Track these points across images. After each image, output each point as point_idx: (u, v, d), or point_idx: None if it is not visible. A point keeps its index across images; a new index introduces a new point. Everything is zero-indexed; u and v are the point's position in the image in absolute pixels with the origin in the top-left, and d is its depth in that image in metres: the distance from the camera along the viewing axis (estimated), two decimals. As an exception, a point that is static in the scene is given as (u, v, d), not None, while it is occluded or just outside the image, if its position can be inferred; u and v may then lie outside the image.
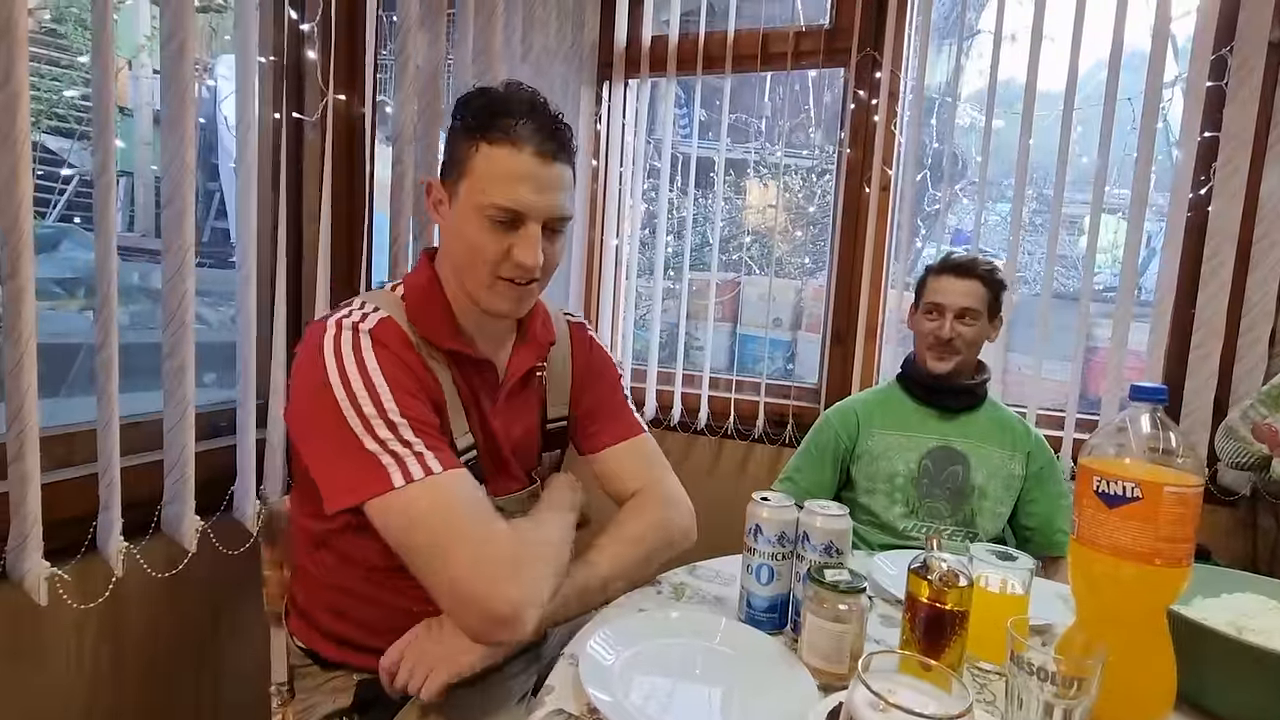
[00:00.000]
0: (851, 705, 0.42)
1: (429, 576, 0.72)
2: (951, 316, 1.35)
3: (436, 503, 0.71)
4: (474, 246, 0.79)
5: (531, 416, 0.96)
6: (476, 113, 0.78)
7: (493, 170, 0.77)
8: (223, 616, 1.17)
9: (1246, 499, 1.53)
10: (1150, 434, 0.68)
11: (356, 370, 0.74)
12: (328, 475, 0.73)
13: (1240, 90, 1.48)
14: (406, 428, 0.73)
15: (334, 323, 0.78)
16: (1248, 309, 1.49)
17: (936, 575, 0.72)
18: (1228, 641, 0.70)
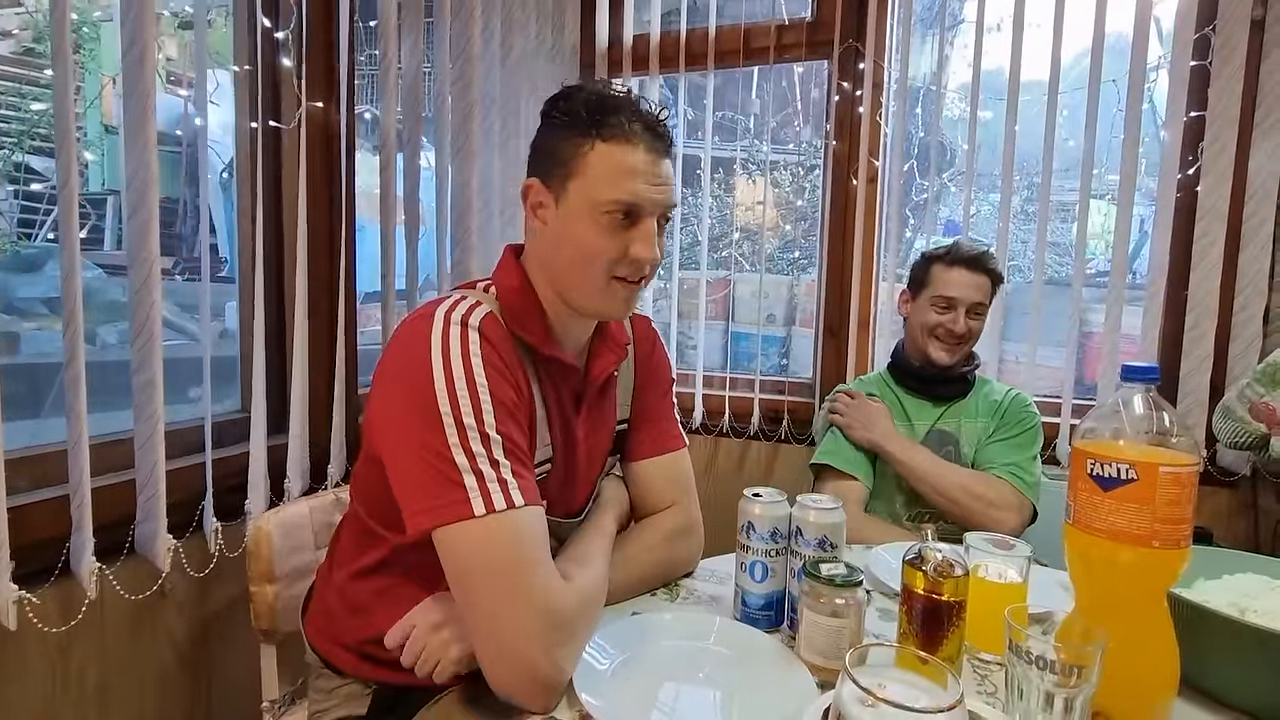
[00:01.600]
0: (840, 701, 0.40)
1: (476, 618, 0.68)
2: (964, 311, 1.34)
3: (506, 543, 0.67)
4: (590, 246, 0.76)
5: (610, 422, 0.94)
6: (586, 112, 0.76)
7: (611, 167, 0.75)
8: (210, 636, 1.15)
9: (1247, 479, 1.52)
10: (1143, 414, 0.66)
11: (462, 370, 0.70)
12: (410, 488, 0.69)
13: (1224, 69, 1.47)
14: (499, 445, 0.69)
15: (442, 316, 0.74)
16: (1240, 287, 1.48)
17: (931, 566, 0.71)
18: (1230, 623, 0.68)
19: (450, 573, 0.68)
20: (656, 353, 0.99)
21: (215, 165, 1.93)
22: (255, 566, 0.98)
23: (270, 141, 1.24)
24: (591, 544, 0.83)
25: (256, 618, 0.97)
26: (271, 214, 1.25)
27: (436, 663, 0.73)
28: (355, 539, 0.86)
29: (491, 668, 0.68)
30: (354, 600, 0.85)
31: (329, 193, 1.27)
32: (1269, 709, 0.68)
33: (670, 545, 0.94)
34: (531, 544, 0.68)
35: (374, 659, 0.83)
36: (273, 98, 1.25)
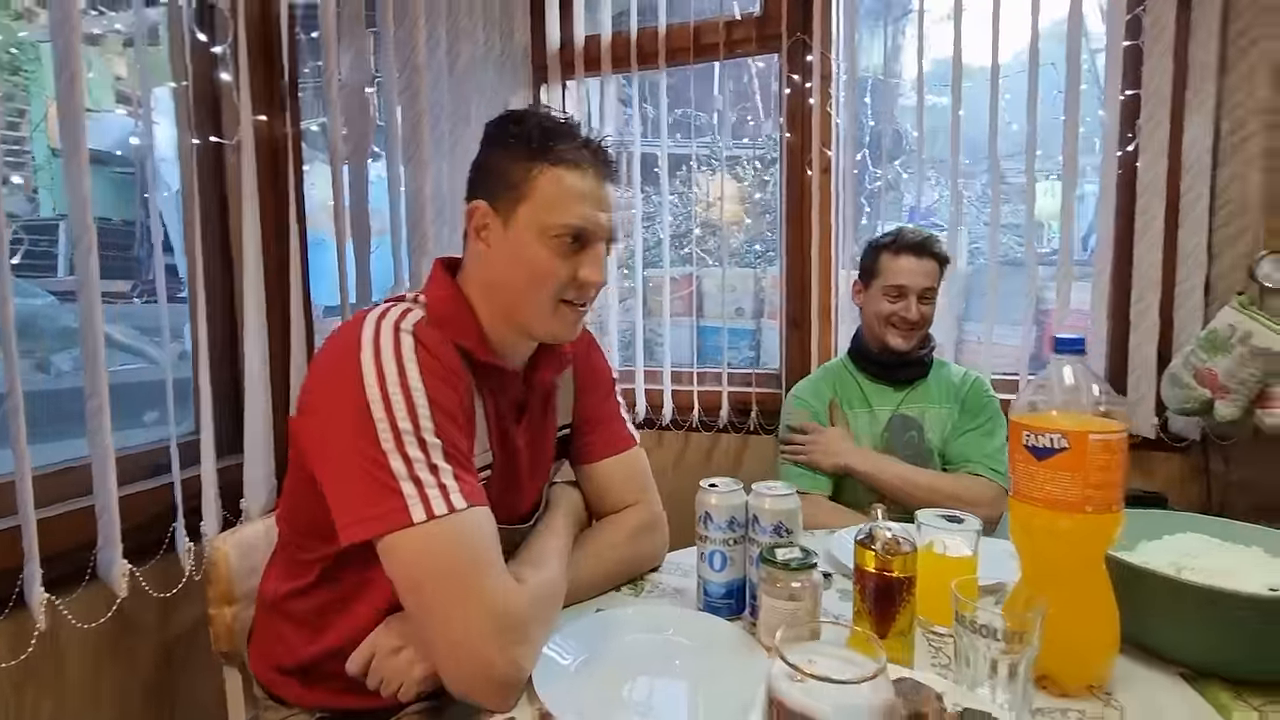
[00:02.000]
0: (770, 679, 0.41)
1: (428, 624, 0.67)
2: (915, 298, 1.36)
3: (451, 547, 0.66)
4: (541, 270, 0.77)
5: (551, 430, 0.94)
6: (536, 136, 0.77)
7: (563, 193, 0.77)
8: (173, 662, 1.13)
9: (1198, 445, 1.56)
10: (1072, 385, 0.69)
11: (397, 375, 0.69)
12: (345, 499, 0.68)
13: (1155, 47, 1.52)
14: (438, 450, 0.68)
15: (373, 321, 0.73)
16: (1182, 259, 1.53)
17: (880, 544, 0.72)
18: (1167, 582, 0.71)
19: (398, 581, 0.68)
20: (594, 357, 1.00)
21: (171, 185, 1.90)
22: (214, 588, 0.96)
23: (212, 158, 1.22)
24: (545, 545, 0.83)
25: (216, 640, 0.96)
26: (218, 231, 1.23)
27: (400, 684, 0.73)
28: (289, 562, 0.86)
29: (448, 669, 0.68)
30: (297, 619, 0.84)
31: (278, 207, 1.26)
32: (1205, 662, 0.70)
33: (635, 542, 0.95)
34: (478, 546, 0.68)
35: (319, 678, 0.83)
36: (214, 113, 1.23)
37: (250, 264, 1.15)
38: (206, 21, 1.17)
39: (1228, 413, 1.34)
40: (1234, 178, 1.49)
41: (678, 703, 0.70)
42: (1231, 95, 1.49)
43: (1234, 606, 0.67)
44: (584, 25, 1.99)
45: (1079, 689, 0.69)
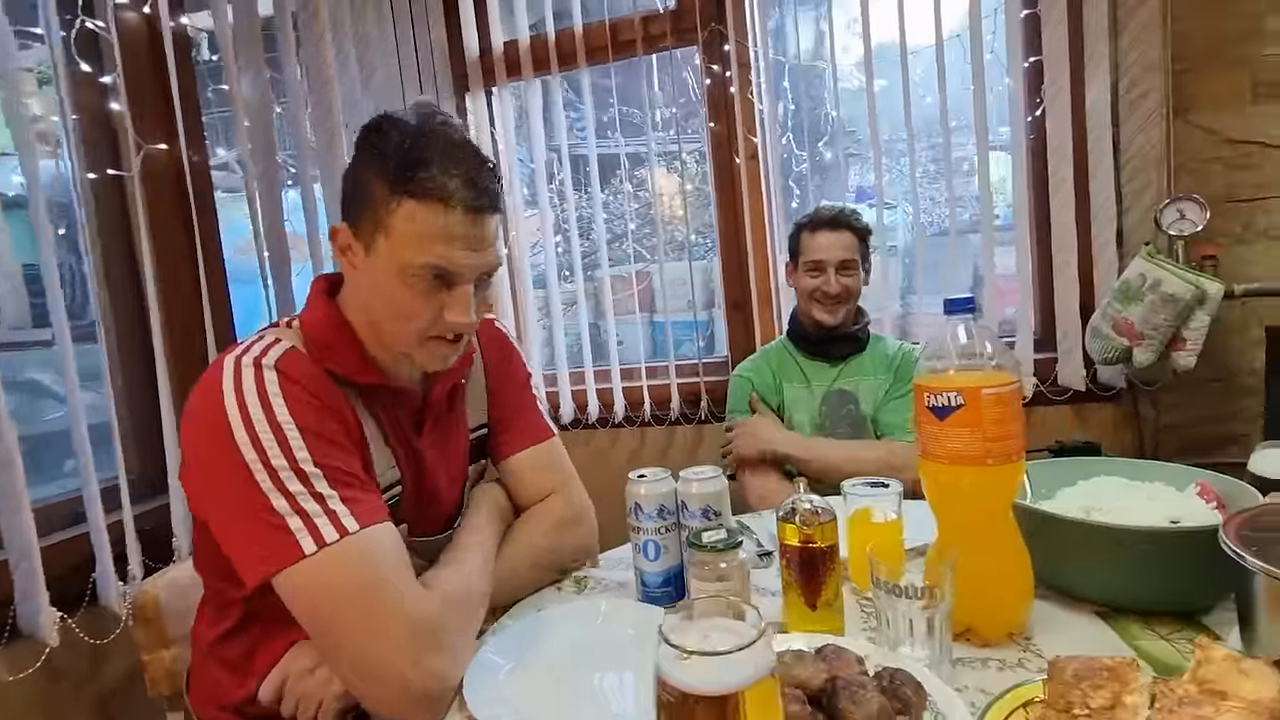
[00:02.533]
0: (657, 663, 0.41)
1: (337, 654, 0.66)
2: (834, 271, 1.39)
3: (349, 571, 0.65)
4: (401, 307, 0.72)
5: (461, 435, 0.92)
6: (395, 160, 0.68)
7: (421, 231, 0.69)
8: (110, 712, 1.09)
9: (1126, 392, 1.62)
10: (966, 344, 0.70)
11: (262, 413, 0.67)
12: (236, 545, 0.67)
13: (1051, 13, 1.57)
14: (320, 478, 0.66)
15: (232, 361, 0.70)
16: (1094, 215, 1.59)
17: (799, 517, 0.73)
18: (1076, 525, 0.73)
19: (300, 614, 0.66)
20: (506, 352, 0.98)
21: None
22: (145, 632, 0.93)
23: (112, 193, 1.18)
24: (461, 546, 0.82)
25: (154, 684, 0.93)
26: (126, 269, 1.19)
27: (319, 704, 0.72)
28: (213, 607, 0.84)
29: (366, 694, 0.67)
30: (227, 662, 0.82)
31: (189, 239, 1.22)
32: (1116, 598, 0.73)
33: (558, 533, 0.93)
34: (378, 564, 0.67)
35: (258, 717, 0.80)
36: (111, 146, 1.19)
37: (152, 299, 1.11)
38: (89, 51, 1.12)
39: (1144, 358, 1.40)
40: (1135, 133, 1.55)
41: (619, 695, 0.70)
42: (1126, 55, 1.55)
43: (1137, 541, 0.70)
44: (501, 31, 1.98)
45: (999, 637, 0.70)
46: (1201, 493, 0.78)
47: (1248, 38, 1.50)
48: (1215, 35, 1.52)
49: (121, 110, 1.12)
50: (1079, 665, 0.53)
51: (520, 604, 0.88)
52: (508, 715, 0.64)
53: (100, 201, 1.15)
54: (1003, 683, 0.61)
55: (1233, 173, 1.54)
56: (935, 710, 0.56)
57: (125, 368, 1.12)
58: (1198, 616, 0.70)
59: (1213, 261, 1.43)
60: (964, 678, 0.65)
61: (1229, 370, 1.56)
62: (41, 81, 1.33)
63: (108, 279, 1.11)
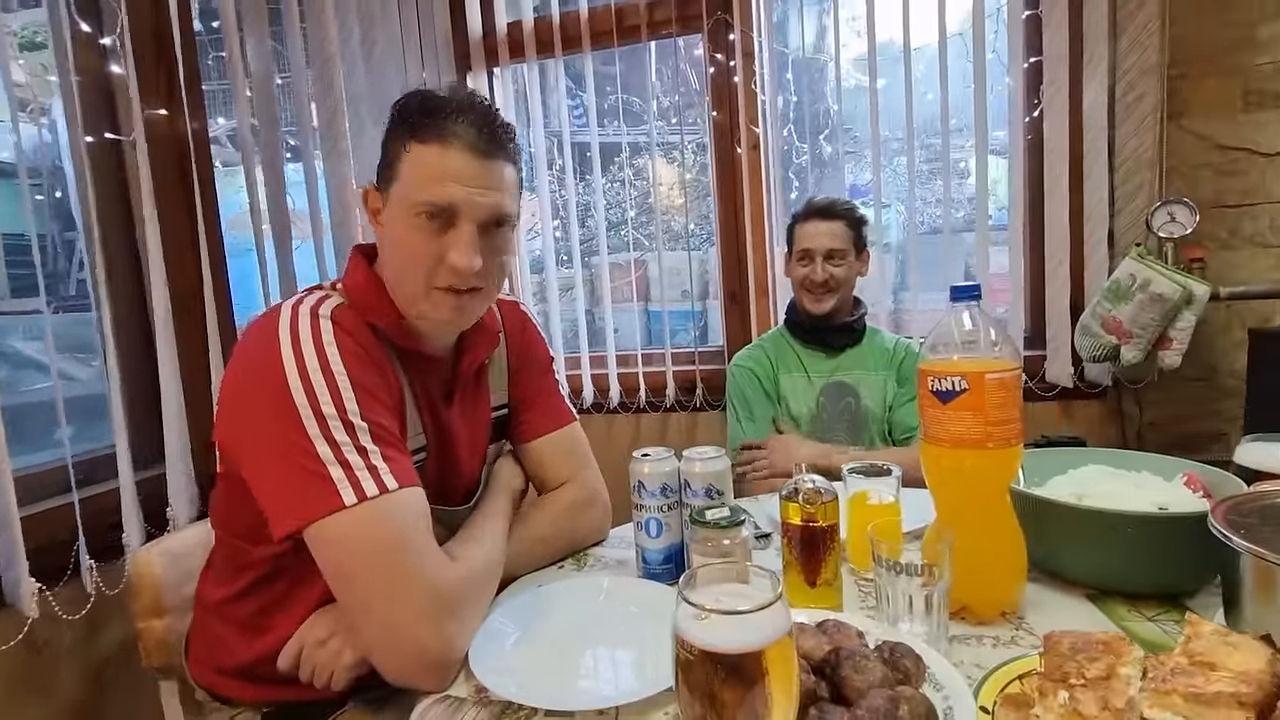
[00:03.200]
0: (675, 621, 0.42)
1: (358, 609, 0.67)
2: (822, 259, 1.41)
3: (383, 528, 0.65)
4: (407, 251, 0.74)
5: (485, 411, 0.93)
6: (408, 113, 0.74)
7: (422, 169, 0.73)
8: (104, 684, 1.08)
9: (1112, 390, 1.66)
10: (970, 330, 0.72)
11: (317, 361, 0.67)
12: (272, 490, 0.67)
13: (1053, 15, 1.59)
14: (365, 432, 0.67)
15: (289, 308, 0.72)
16: (1087, 215, 1.61)
17: (801, 496, 0.75)
18: (1068, 509, 0.75)
19: (327, 566, 0.67)
20: (528, 335, 0.99)
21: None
22: (140, 601, 0.92)
23: (110, 157, 1.16)
24: (482, 525, 0.83)
25: (147, 655, 0.92)
26: (123, 235, 1.18)
27: (331, 673, 0.73)
28: (226, 565, 0.84)
29: (379, 653, 0.67)
30: (236, 622, 0.82)
31: (189, 207, 1.20)
32: (1105, 581, 0.75)
33: (572, 517, 0.95)
34: (410, 526, 0.68)
35: (264, 678, 0.81)
36: (109, 110, 1.17)
37: (154, 267, 1.09)
38: (89, 9, 1.10)
39: (1132, 356, 1.43)
40: (1129, 136, 1.58)
41: (617, 664, 0.71)
42: (1124, 58, 1.58)
43: (1126, 526, 0.72)
44: (505, 11, 1.97)
45: (993, 616, 0.73)
46: (1188, 483, 0.81)
47: (1240, 46, 1.53)
48: (1210, 42, 1.55)
49: (124, 73, 1.10)
50: (1075, 639, 0.54)
51: (521, 579, 0.89)
52: (513, 684, 0.65)
53: (97, 167, 1.13)
54: (996, 659, 0.63)
55: (1222, 178, 1.57)
56: (934, 681, 0.58)
57: (121, 336, 1.10)
58: (1182, 600, 0.73)
59: (1200, 264, 1.46)
60: (959, 653, 0.67)
61: (1212, 370, 1.60)
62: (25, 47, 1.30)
63: (105, 246, 1.09)
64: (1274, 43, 1.52)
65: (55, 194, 1.78)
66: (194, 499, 1.15)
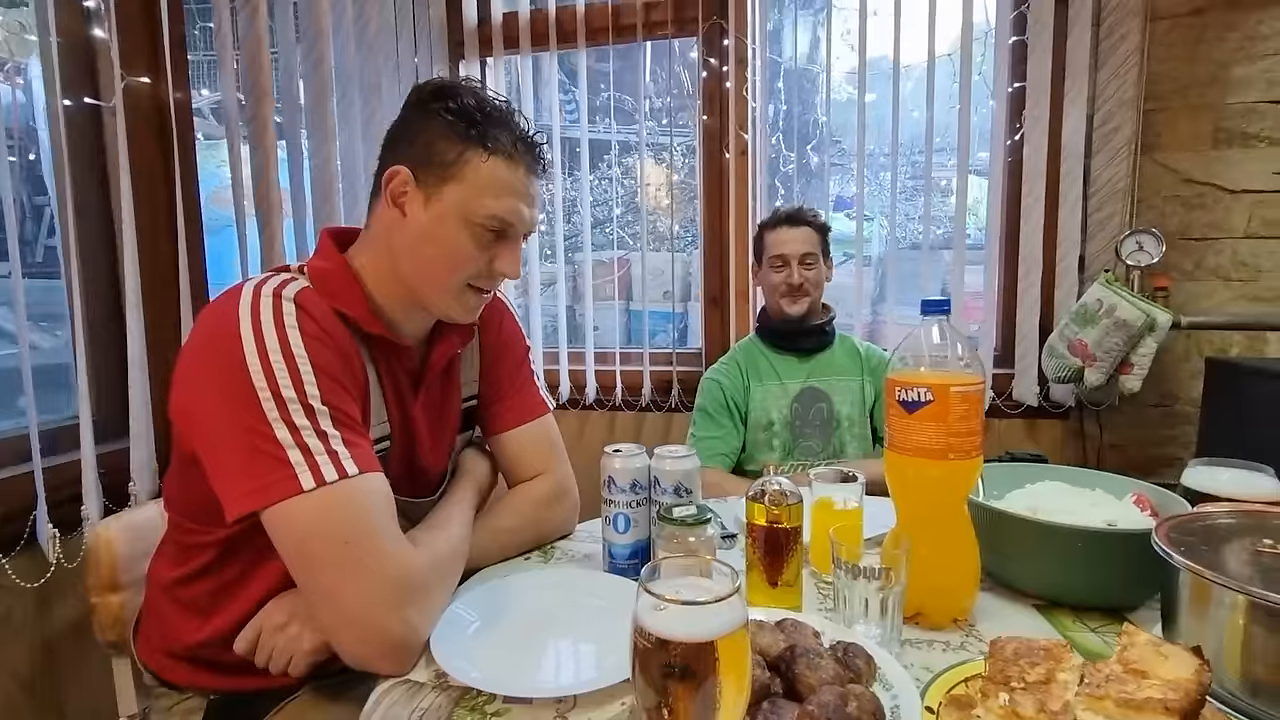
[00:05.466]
0: (635, 613, 0.43)
1: (318, 594, 0.66)
2: (796, 263, 1.44)
3: (344, 513, 0.65)
4: (458, 253, 0.76)
5: (455, 404, 0.93)
6: (475, 118, 0.75)
7: (494, 182, 0.75)
8: (57, 657, 1.06)
9: (1075, 410, 1.71)
10: (939, 343, 0.74)
11: (277, 342, 0.66)
12: (228, 474, 0.65)
13: (1038, 42, 1.64)
14: (326, 416, 0.66)
15: (250, 288, 0.70)
16: (1060, 240, 1.66)
17: (767, 497, 0.76)
18: (1022, 521, 0.78)
19: (286, 550, 0.66)
20: (506, 326, 0.99)
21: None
22: (96, 575, 0.91)
23: (88, 123, 1.13)
24: (448, 512, 0.83)
25: (102, 630, 0.91)
26: (98, 203, 1.15)
27: (289, 659, 0.72)
28: (177, 548, 0.82)
29: (340, 637, 0.67)
30: (187, 604, 0.81)
31: (166, 178, 1.18)
32: (1054, 592, 0.78)
33: (541, 509, 0.95)
34: (372, 511, 0.67)
35: (211, 663, 0.80)
36: (89, 74, 1.15)
37: (128, 236, 1.07)
38: (75, -27, 1.08)
39: (1095, 378, 1.47)
40: (1104, 165, 1.63)
41: (576, 655, 0.72)
42: (1103, 90, 1.63)
43: (1076, 540, 0.75)
44: (502, 1, 1.96)
45: (945, 622, 0.75)
46: (1138, 502, 0.84)
47: (1213, 85, 1.59)
48: (1185, 78, 1.60)
49: (106, 37, 1.08)
50: (1018, 644, 0.56)
51: (486, 570, 0.89)
52: (473, 670, 0.65)
53: (74, 132, 1.10)
54: (946, 662, 0.65)
55: (1189, 211, 1.63)
56: (884, 680, 0.60)
57: (90, 306, 1.08)
58: (1124, 613, 0.76)
59: (1164, 293, 1.51)
60: (911, 656, 0.69)
61: (1171, 397, 1.65)
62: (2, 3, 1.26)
63: (78, 214, 1.06)
64: (1246, 83, 1.58)
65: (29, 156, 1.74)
66: (156, 474, 1.13)
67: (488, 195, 0.75)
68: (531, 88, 1.96)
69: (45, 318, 1.66)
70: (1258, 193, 1.59)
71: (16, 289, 0.96)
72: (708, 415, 1.52)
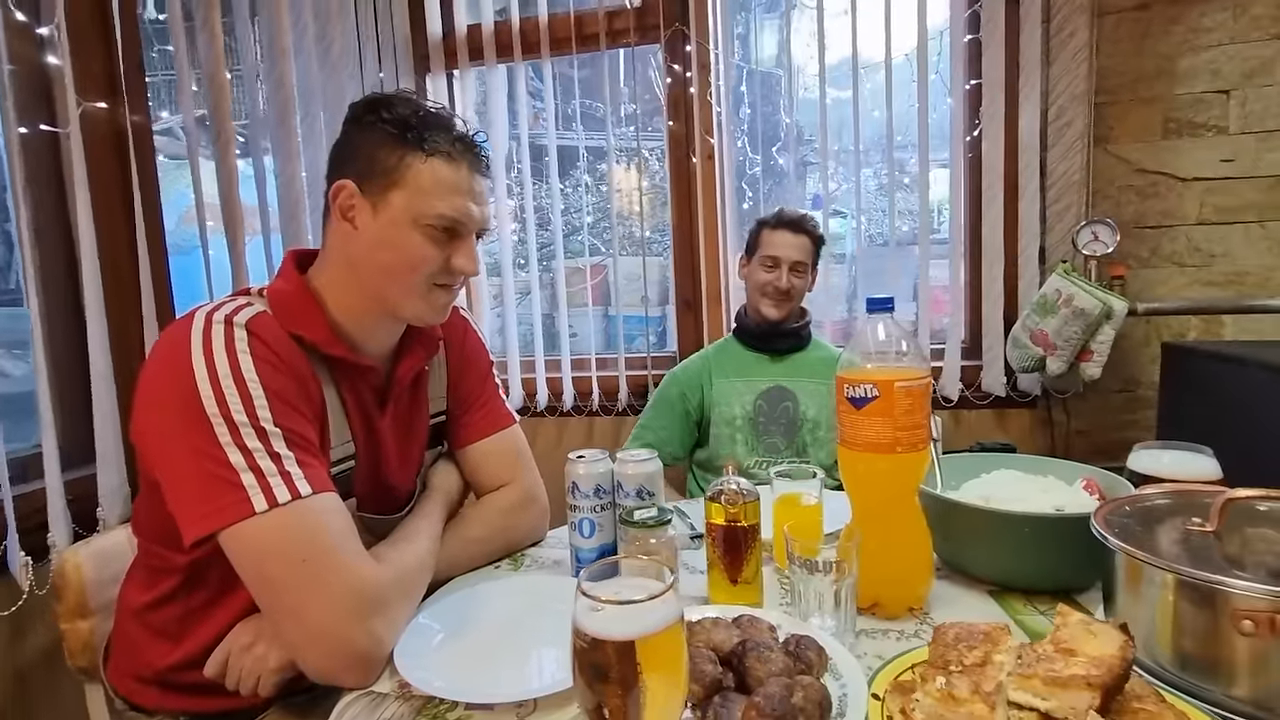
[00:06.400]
0: (574, 615, 0.45)
1: (280, 612, 0.67)
2: (787, 269, 1.46)
3: (300, 532, 0.66)
4: (413, 256, 0.78)
5: (423, 420, 0.94)
6: (410, 123, 0.76)
7: (437, 183, 0.77)
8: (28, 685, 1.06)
9: (1041, 399, 1.75)
10: (884, 340, 0.76)
11: (229, 367, 0.68)
12: (183, 498, 0.66)
13: (992, 39, 1.67)
14: (279, 438, 0.68)
15: (203, 315, 0.72)
16: (1021, 232, 1.70)
17: (724, 497, 0.78)
18: (973, 510, 0.80)
19: (245, 572, 0.67)
20: (470, 341, 1.01)
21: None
22: (66, 601, 0.91)
23: (45, 148, 1.13)
24: (415, 525, 0.84)
25: (71, 656, 0.91)
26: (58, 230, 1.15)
27: (258, 678, 0.73)
28: (147, 572, 0.83)
29: (305, 653, 0.68)
30: (156, 629, 0.82)
31: (126, 202, 1.19)
32: (1006, 578, 0.80)
33: (509, 518, 0.97)
34: (328, 530, 0.68)
35: (181, 687, 0.81)
36: (46, 100, 1.15)
37: (88, 260, 1.08)
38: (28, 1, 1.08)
39: (1056, 367, 1.51)
40: (1059, 159, 1.67)
41: (539, 660, 0.73)
42: (1055, 84, 1.66)
43: (1023, 525, 0.77)
44: (466, 14, 1.97)
45: (901, 611, 0.77)
46: (1087, 487, 0.87)
47: (1161, 77, 1.63)
48: (1133, 72, 1.64)
49: (60, 64, 1.08)
50: (959, 629, 0.59)
51: (455, 580, 0.90)
52: (436, 680, 0.66)
53: (31, 158, 1.10)
54: (899, 650, 0.66)
55: (1143, 201, 1.67)
56: (835, 671, 0.62)
57: (53, 333, 1.08)
58: (1074, 595, 0.78)
59: (1120, 281, 1.55)
60: (865, 645, 0.71)
61: (1132, 382, 1.69)
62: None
63: (39, 241, 1.06)
64: (1192, 74, 1.62)
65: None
66: (126, 499, 1.12)
67: (433, 196, 0.77)
68: (504, 97, 1.98)
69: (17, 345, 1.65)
70: (1208, 180, 1.64)
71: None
72: (653, 405, 1.57)
